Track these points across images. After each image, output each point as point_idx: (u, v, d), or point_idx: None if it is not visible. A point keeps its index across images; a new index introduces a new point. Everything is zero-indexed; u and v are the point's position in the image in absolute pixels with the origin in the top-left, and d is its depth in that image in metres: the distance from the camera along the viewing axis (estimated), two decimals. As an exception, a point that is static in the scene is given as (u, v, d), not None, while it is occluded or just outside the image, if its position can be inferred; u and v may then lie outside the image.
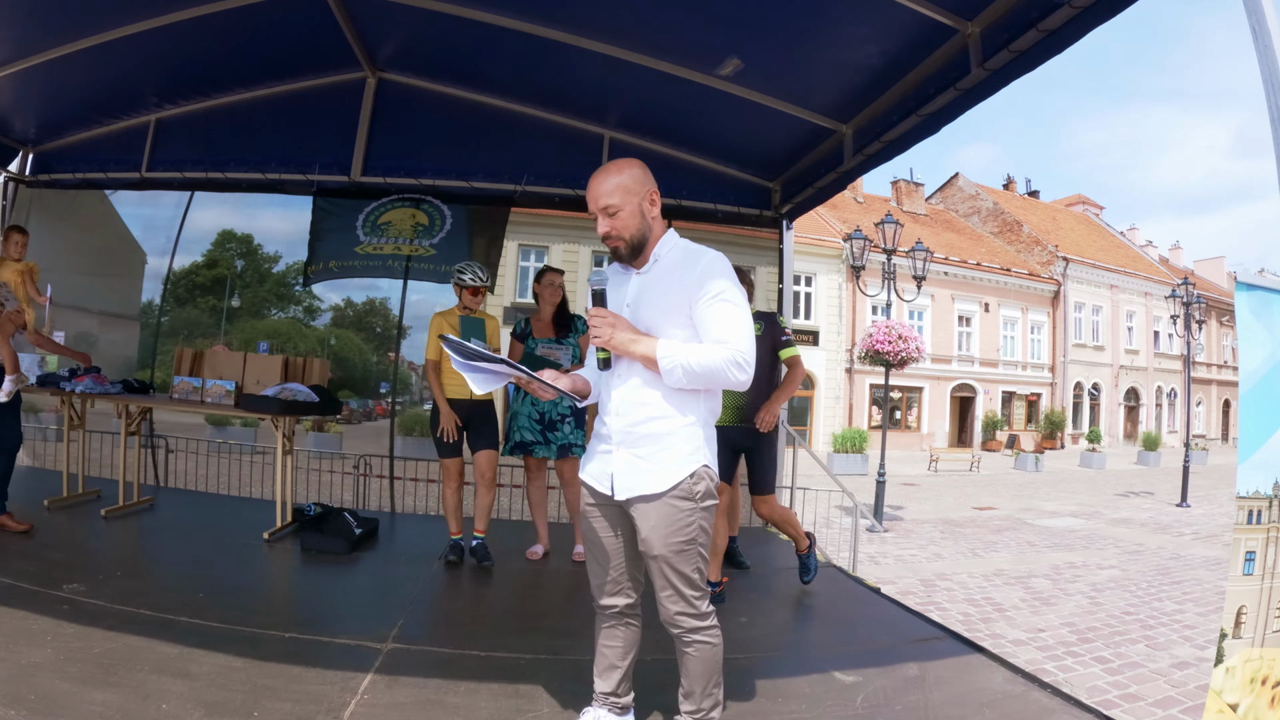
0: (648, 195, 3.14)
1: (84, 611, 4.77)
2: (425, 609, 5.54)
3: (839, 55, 5.90)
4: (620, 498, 3.16)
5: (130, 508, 7.42)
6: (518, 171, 8.44)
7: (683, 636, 3.21)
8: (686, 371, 2.97)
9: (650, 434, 3.10)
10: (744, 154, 8.27)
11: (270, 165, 8.49)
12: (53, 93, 8.08)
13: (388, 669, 4.21)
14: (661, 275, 3.15)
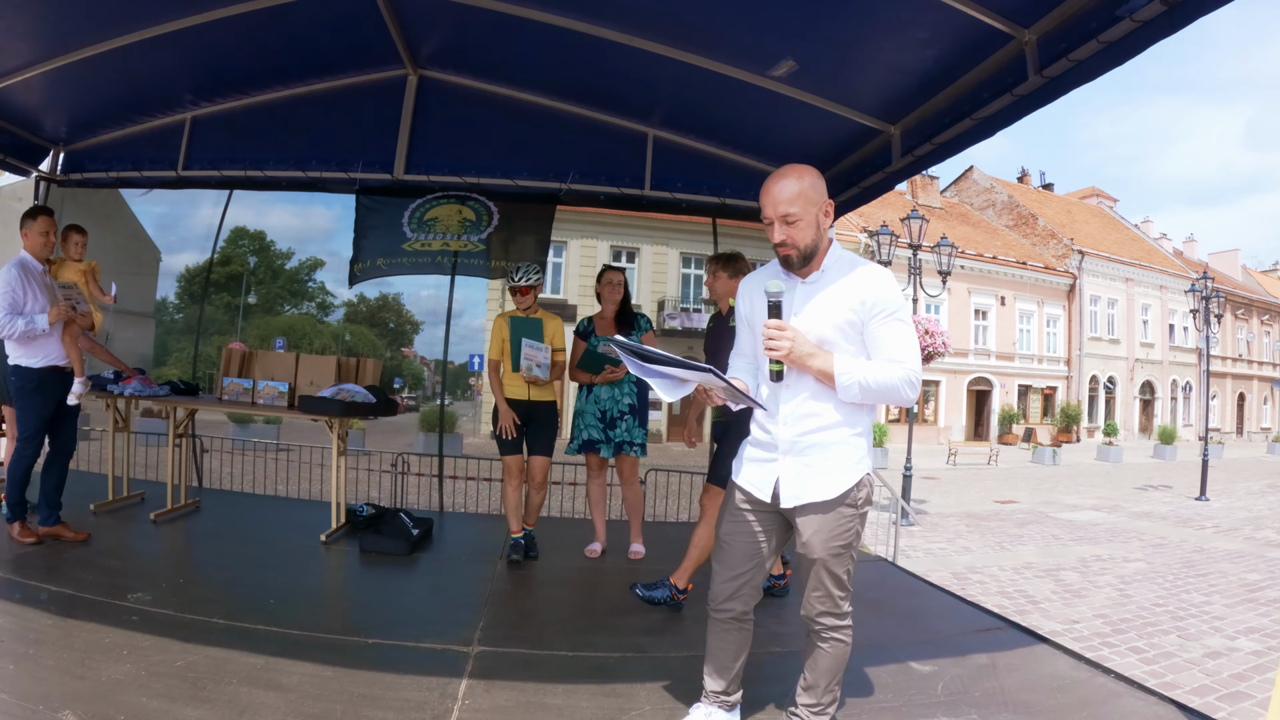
0: (824, 206, 3.12)
1: (155, 622, 4.71)
2: (501, 609, 5.48)
3: (893, 59, 5.82)
4: (787, 505, 3.18)
5: (178, 510, 7.37)
6: (562, 169, 8.34)
7: (821, 633, 3.28)
8: (864, 389, 2.99)
9: (819, 443, 3.13)
10: (786, 153, 7.97)
11: (311, 163, 8.39)
12: (85, 91, 7.94)
13: (481, 673, 4.18)
14: (830, 288, 3.13)
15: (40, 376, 6.06)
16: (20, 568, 5.54)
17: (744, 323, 3.43)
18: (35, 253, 6.15)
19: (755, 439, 3.33)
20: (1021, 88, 5.15)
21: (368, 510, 7.30)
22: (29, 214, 6.17)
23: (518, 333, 6.46)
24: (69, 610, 4.83)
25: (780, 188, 3.05)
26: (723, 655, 3.46)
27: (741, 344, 3.48)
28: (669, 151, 8.27)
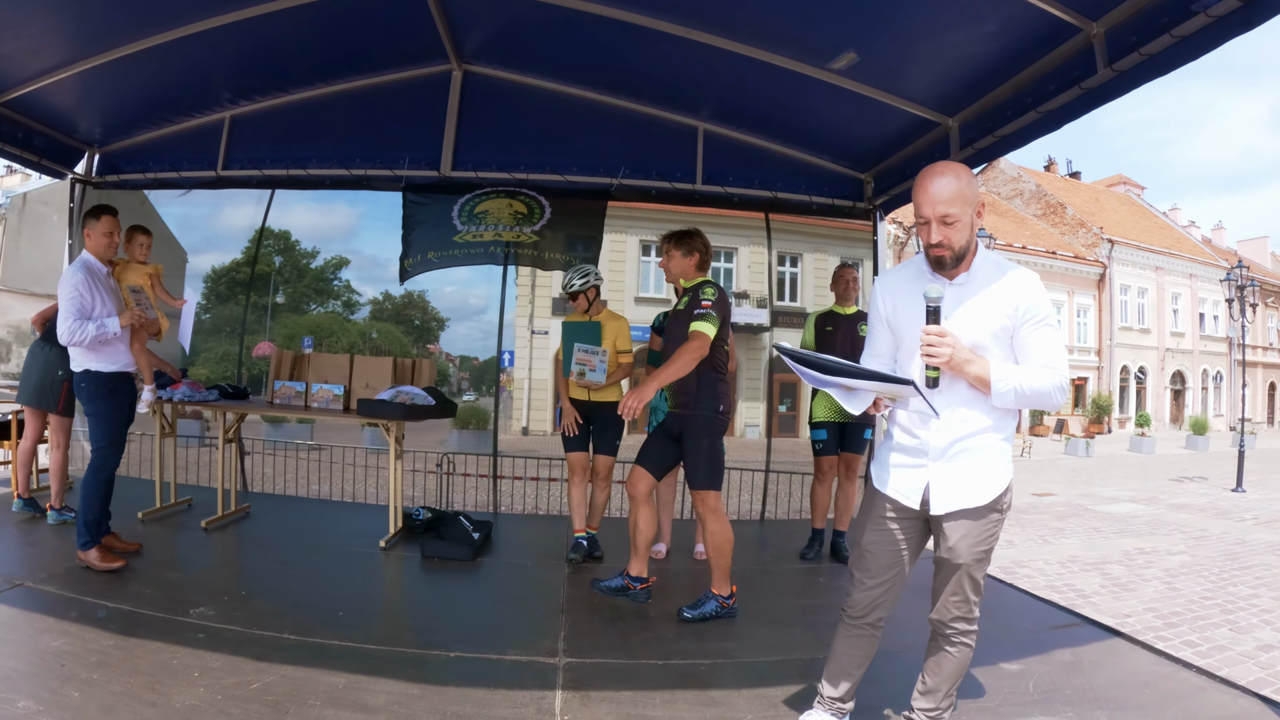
0: (978, 205, 2.97)
1: (223, 640, 4.42)
2: (578, 616, 5.19)
3: (957, 51, 5.59)
4: (937, 511, 3.09)
5: (229, 517, 7.07)
6: (612, 164, 8.02)
7: (952, 638, 3.22)
8: (1018, 395, 2.91)
9: (970, 449, 3.04)
10: (838, 146, 7.88)
11: (355, 161, 8.06)
12: (120, 91, 7.62)
13: (573, 685, 3.98)
14: (980, 291, 3.01)
15: (113, 382, 5.68)
16: (72, 583, 5.23)
17: (882, 322, 3.26)
18: (99, 254, 5.75)
19: (901, 445, 3.20)
20: (1090, 81, 4.97)
21: (425, 514, 7.01)
22: (91, 213, 5.77)
23: (570, 337, 6.29)
24: (130, 629, 4.54)
25: (939, 186, 2.88)
26: (848, 662, 3.38)
27: (877, 344, 3.31)
28: (719, 145, 7.97)
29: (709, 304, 5.01)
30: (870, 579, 3.28)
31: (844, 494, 6.85)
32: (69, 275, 5.52)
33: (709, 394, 5.11)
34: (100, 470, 5.55)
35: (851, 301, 6.81)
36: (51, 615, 4.64)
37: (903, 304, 3.13)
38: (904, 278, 3.17)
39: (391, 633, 4.75)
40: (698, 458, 5.11)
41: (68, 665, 4.00)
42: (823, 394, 6.57)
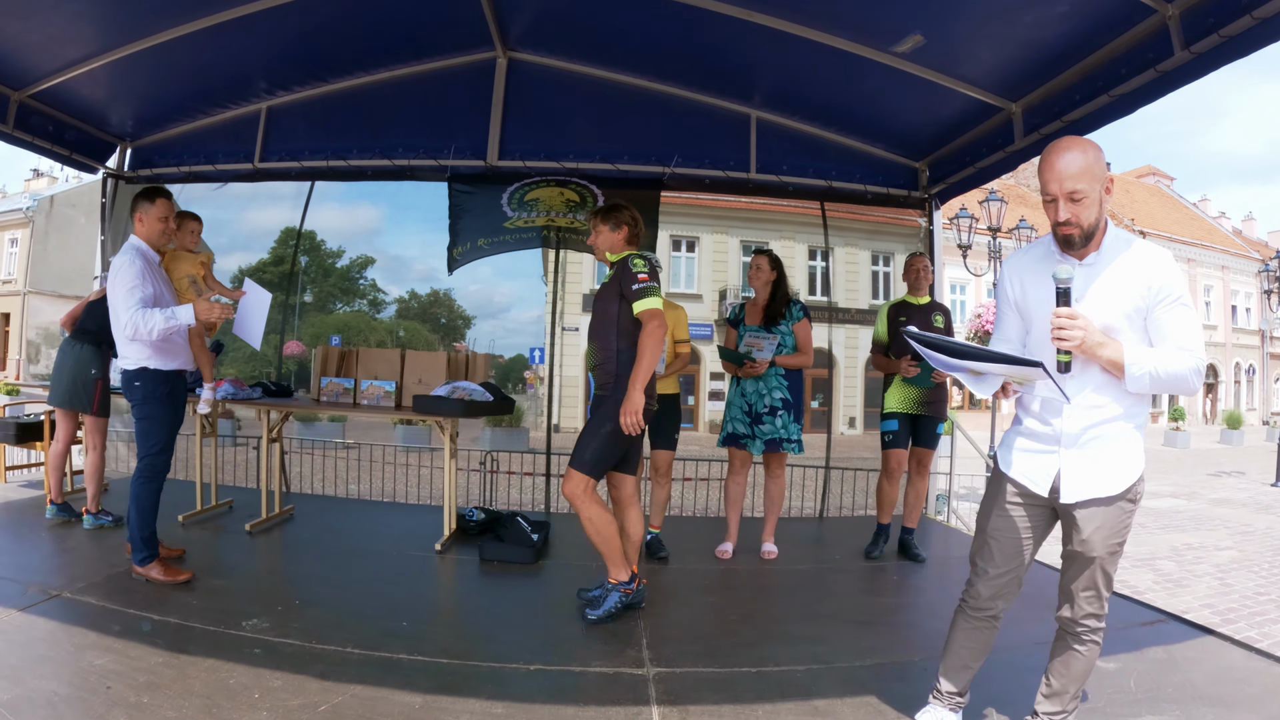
0: (1106, 182, 2.76)
1: (281, 655, 3.96)
2: (657, 622, 4.70)
3: (1025, 33, 5.27)
4: (1068, 500, 2.89)
5: (273, 520, 6.54)
6: (665, 153, 7.53)
7: (1082, 635, 3.03)
8: (1154, 379, 2.72)
9: (1103, 436, 2.86)
10: (893, 133, 7.45)
11: (398, 151, 7.57)
12: (153, 82, 7.21)
13: (669, 698, 3.59)
14: (1111, 271, 2.82)
15: (172, 381, 5.09)
16: (113, 593, 4.72)
17: (1010, 306, 3.08)
18: (152, 241, 5.04)
19: (1030, 430, 3.00)
20: (1166, 64, 4.74)
21: (479, 515, 6.51)
22: (144, 196, 5.10)
23: None
24: (180, 644, 4.06)
25: (1066, 162, 2.70)
26: (966, 655, 3.21)
27: (1006, 329, 3.11)
28: (772, 133, 7.53)
29: (645, 276, 4.43)
30: (994, 568, 3.10)
31: (914, 490, 6.37)
32: (125, 262, 4.86)
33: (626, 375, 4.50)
34: (153, 480, 4.97)
35: (924, 291, 6.38)
36: (93, 629, 4.16)
37: (1031, 286, 2.95)
38: (1032, 259, 2.99)
39: (462, 644, 4.29)
40: (591, 438, 4.50)
41: (114, 687, 3.54)
42: (897, 384, 6.21)
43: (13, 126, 6.83)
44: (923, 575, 5.92)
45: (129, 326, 4.73)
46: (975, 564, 3.17)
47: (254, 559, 5.68)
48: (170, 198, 5.15)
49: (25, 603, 4.43)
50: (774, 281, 6.08)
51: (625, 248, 4.72)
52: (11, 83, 6.66)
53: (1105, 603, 3.00)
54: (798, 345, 5.98)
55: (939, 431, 6.41)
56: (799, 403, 6.04)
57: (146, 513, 4.91)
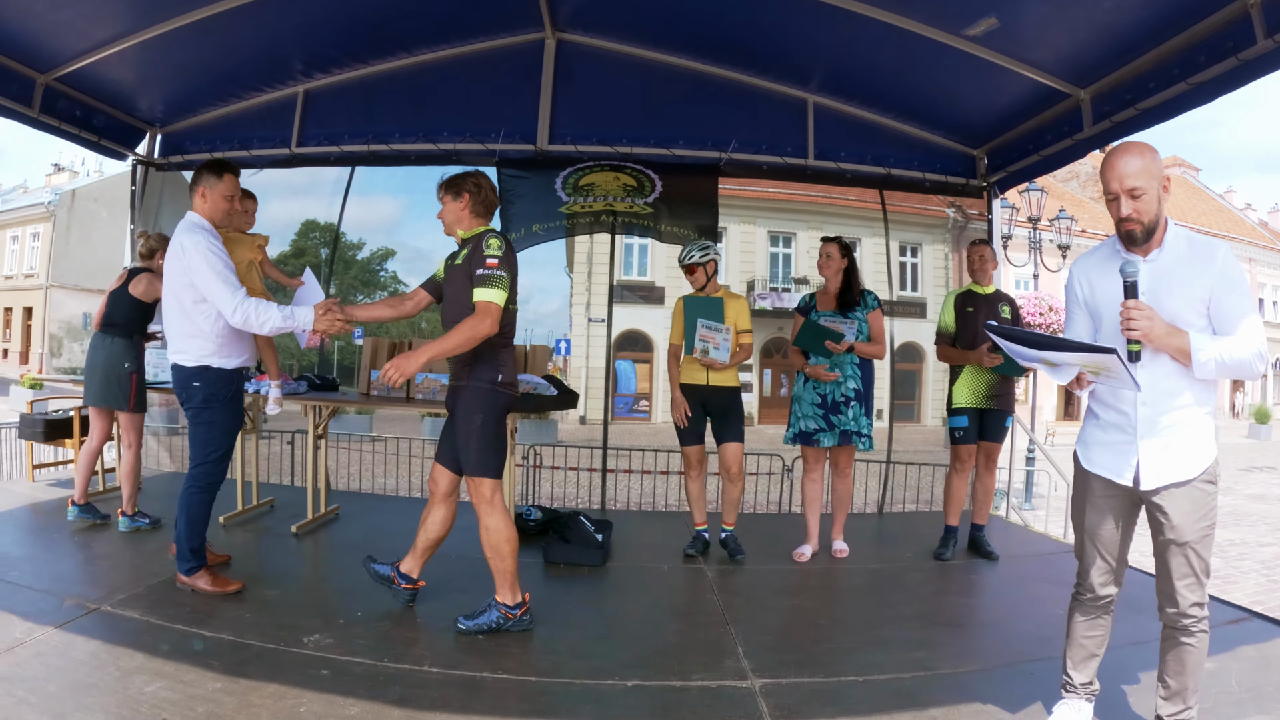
0: (1163, 181, 2.84)
1: (353, 677, 3.41)
2: (746, 628, 4.21)
3: (1103, 17, 4.90)
4: (1147, 487, 2.88)
5: (318, 520, 5.90)
6: (720, 138, 6.93)
7: (1190, 627, 2.89)
8: (1219, 365, 2.75)
9: (1177, 423, 2.86)
10: (952, 119, 6.89)
11: (442, 135, 6.95)
12: (184, 64, 6.61)
13: (782, 712, 3.21)
14: (1176, 264, 2.87)
15: (236, 381, 4.44)
16: (156, 605, 4.10)
17: (1080, 306, 3.12)
18: (215, 220, 4.36)
19: (1108, 422, 2.99)
20: (1248, 52, 4.42)
21: (537, 514, 5.93)
22: (210, 170, 4.39)
23: (693, 313, 5.38)
24: (238, 665, 3.48)
25: (1125, 162, 2.81)
26: (1090, 644, 3.15)
27: (1076, 328, 3.13)
28: (830, 119, 6.95)
29: (494, 263, 3.76)
30: (1101, 559, 3.08)
31: (982, 485, 5.88)
32: (201, 242, 4.13)
33: (486, 362, 3.89)
34: (207, 490, 4.33)
35: (989, 280, 5.85)
36: (140, 649, 3.57)
37: (1099, 285, 2.99)
38: (1099, 259, 3.06)
39: (547, 659, 3.74)
40: (468, 437, 3.92)
41: (170, 718, 2.97)
42: (965, 377, 5.72)
43: (39, 111, 6.20)
44: (999, 574, 5.46)
45: (239, 315, 4.04)
46: (1080, 558, 3.17)
47: (304, 565, 5.07)
48: (238, 174, 4.46)
49: (62, 618, 3.84)
50: (845, 269, 5.55)
51: (474, 221, 4.00)
52: (38, 65, 6.04)
53: (1205, 590, 2.90)
54: (871, 335, 5.47)
55: (1007, 425, 5.91)
56: (869, 395, 5.53)
57: (197, 524, 4.30)
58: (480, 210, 4.00)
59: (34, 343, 35.57)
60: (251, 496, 6.12)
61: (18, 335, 37.59)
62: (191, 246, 4.11)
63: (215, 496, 4.40)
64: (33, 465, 6.82)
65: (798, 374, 5.63)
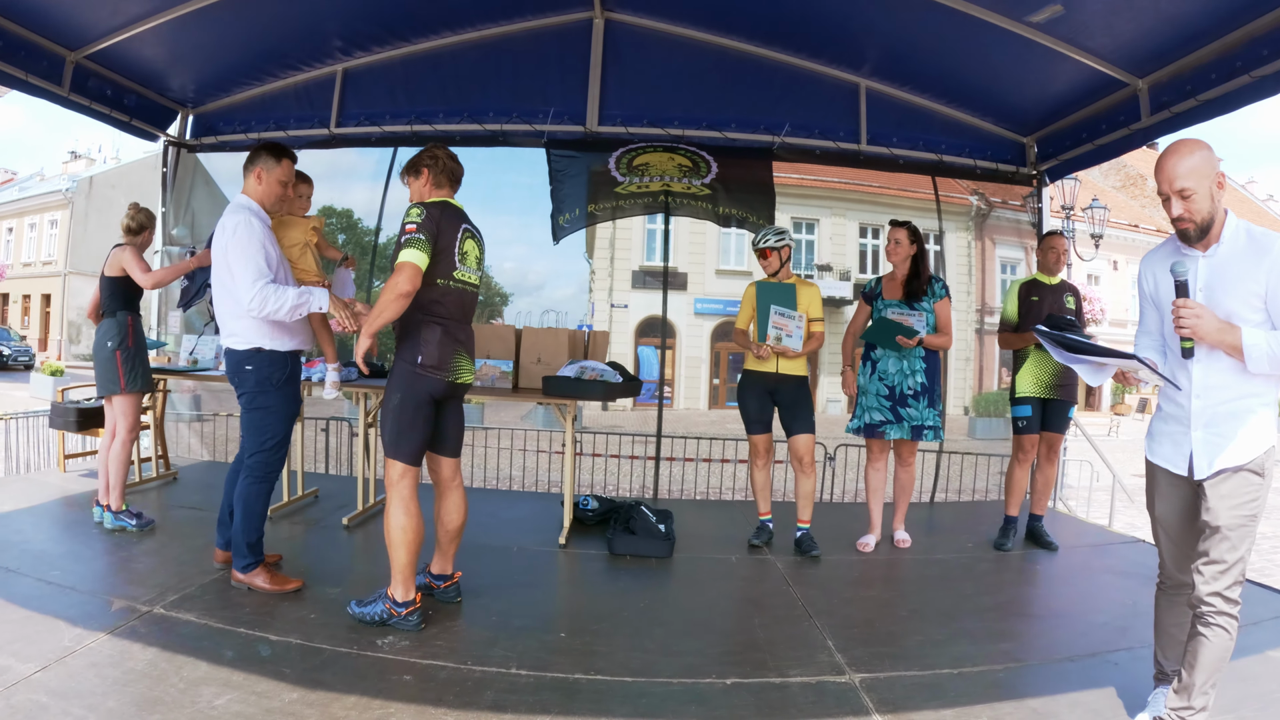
0: (1216, 178, 2.76)
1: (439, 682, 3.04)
2: (829, 620, 3.91)
3: (1168, 8, 4.61)
4: (1200, 476, 2.80)
5: (369, 511, 5.40)
6: (774, 122, 6.43)
7: (1207, 616, 2.76)
8: (1271, 359, 2.66)
9: (1231, 414, 2.78)
10: (1004, 106, 6.44)
11: (488, 116, 6.43)
12: (218, 42, 6.10)
13: (888, 707, 2.99)
14: (1232, 260, 2.79)
15: (292, 364, 3.99)
16: (214, 607, 3.63)
17: (1149, 301, 3.07)
18: (266, 204, 3.96)
19: (1167, 414, 2.94)
20: None
21: (594, 504, 5.47)
22: (270, 152, 3.96)
23: (766, 300, 5.00)
24: (312, 673, 3.05)
25: (1174, 163, 2.74)
26: (1178, 631, 2.99)
27: (1147, 322, 3.10)
28: (881, 104, 6.49)
29: (413, 227, 3.41)
30: (1177, 548, 2.99)
31: (1043, 476, 5.50)
32: (241, 223, 3.75)
33: (409, 341, 3.54)
34: (264, 479, 3.90)
35: (1058, 272, 5.46)
36: (202, 657, 3.12)
37: (1163, 281, 2.91)
38: (1162, 256, 2.97)
39: (638, 657, 3.37)
40: (384, 415, 3.62)
41: None
42: (1029, 366, 5.33)
43: (69, 90, 5.67)
44: (1061, 565, 5.12)
45: (255, 302, 3.65)
46: (1164, 546, 3.06)
47: (361, 560, 4.57)
48: (296, 160, 4.05)
49: (112, 623, 3.37)
50: (914, 256, 5.14)
51: (434, 193, 3.62)
52: (67, 42, 5.52)
53: (1235, 584, 2.76)
54: (938, 325, 5.08)
55: (1069, 415, 5.55)
56: (935, 387, 5.14)
57: (254, 517, 3.87)
58: (443, 181, 3.64)
59: (52, 329, 34.79)
60: (296, 487, 5.62)
61: (36, 322, 36.72)
62: (230, 227, 3.75)
63: (273, 487, 3.98)
64: (64, 455, 6.27)
65: (862, 364, 5.25)
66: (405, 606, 3.52)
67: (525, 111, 6.39)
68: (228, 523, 4.02)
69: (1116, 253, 36.33)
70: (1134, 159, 40.24)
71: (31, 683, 2.80)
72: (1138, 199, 41.15)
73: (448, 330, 3.53)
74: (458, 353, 3.59)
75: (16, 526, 4.38)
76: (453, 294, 3.53)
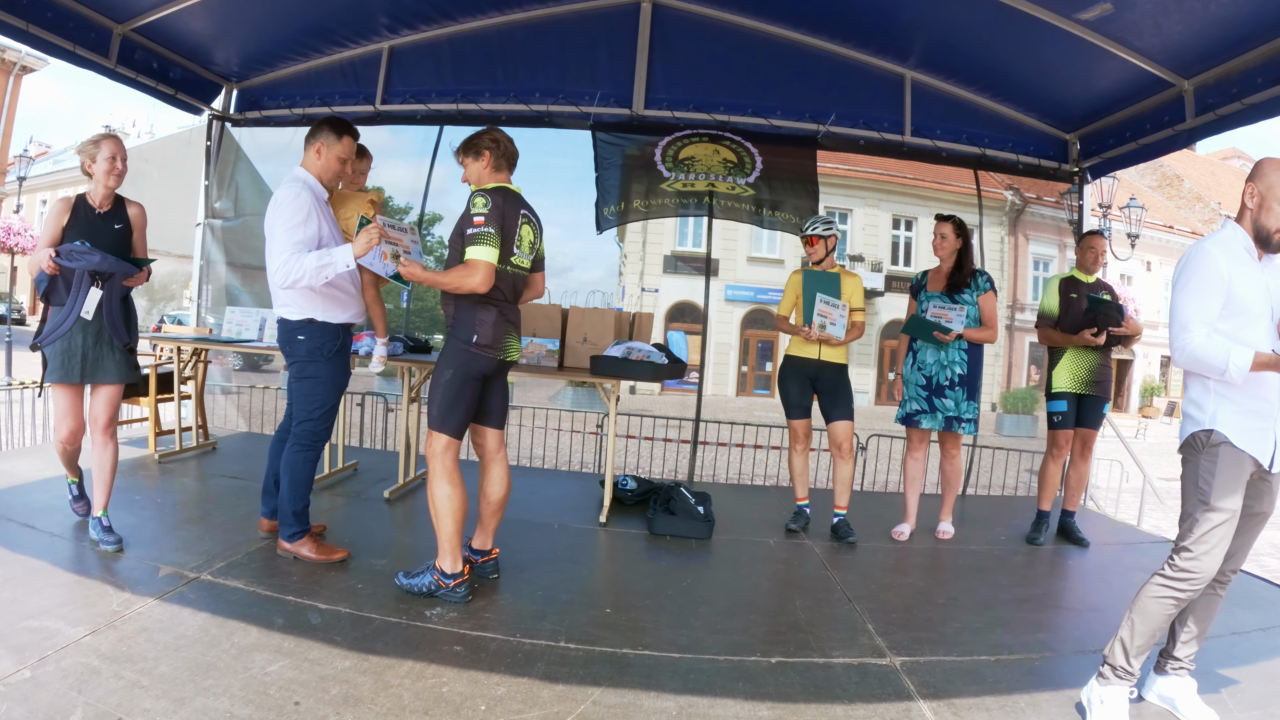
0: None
1: (491, 653, 3.03)
2: (868, 605, 3.89)
3: (1216, 10, 4.48)
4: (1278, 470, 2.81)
5: (409, 485, 5.38)
6: (818, 111, 6.31)
7: (1226, 582, 2.96)
8: None
9: None
10: (1048, 102, 6.30)
11: (534, 96, 6.34)
12: (264, 16, 6.08)
13: (930, 691, 2.97)
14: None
15: (342, 337, 3.94)
16: (261, 575, 3.62)
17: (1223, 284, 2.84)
18: (324, 178, 3.90)
19: (1249, 409, 2.82)
20: None
21: (633, 484, 5.42)
22: (331, 127, 3.90)
23: (811, 287, 4.97)
24: (363, 641, 3.04)
25: None
26: (1209, 620, 3.04)
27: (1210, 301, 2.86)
28: (926, 95, 6.35)
29: (481, 220, 3.41)
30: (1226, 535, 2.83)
31: (1076, 472, 5.40)
32: (289, 195, 3.70)
33: (465, 320, 3.55)
34: (311, 448, 3.86)
35: (1095, 271, 5.36)
36: (253, 624, 3.10)
37: (1238, 274, 2.79)
38: (1234, 248, 2.85)
39: (684, 634, 3.35)
40: (433, 390, 3.62)
41: (304, 703, 2.56)
42: (1065, 361, 5.24)
43: (115, 62, 5.65)
44: (1093, 560, 5.05)
45: (279, 275, 3.62)
46: (1213, 545, 2.85)
47: (404, 532, 4.54)
48: (357, 137, 3.99)
49: (161, 589, 3.34)
50: (959, 250, 5.06)
51: (493, 177, 3.61)
52: (115, 14, 5.50)
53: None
54: (982, 319, 5.00)
55: (1104, 412, 5.44)
56: (975, 380, 5.05)
57: (300, 485, 3.84)
58: (503, 164, 3.64)
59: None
60: (337, 459, 5.59)
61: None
62: (277, 200, 3.73)
63: (319, 456, 3.94)
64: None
65: (906, 355, 5.18)
66: (453, 578, 3.50)
67: (572, 93, 6.30)
68: (273, 492, 4.01)
69: (1151, 253, 35.31)
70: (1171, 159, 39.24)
71: (82, 646, 2.78)
72: (1173, 199, 40.01)
73: (501, 311, 3.55)
74: (509, 333, 3.61)
75: (59, 492, 4.32)
76: (507, 278, 3.53)
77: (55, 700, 2.42)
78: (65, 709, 2.37)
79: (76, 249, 3.65)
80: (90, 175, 3.87)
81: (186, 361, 5.78)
